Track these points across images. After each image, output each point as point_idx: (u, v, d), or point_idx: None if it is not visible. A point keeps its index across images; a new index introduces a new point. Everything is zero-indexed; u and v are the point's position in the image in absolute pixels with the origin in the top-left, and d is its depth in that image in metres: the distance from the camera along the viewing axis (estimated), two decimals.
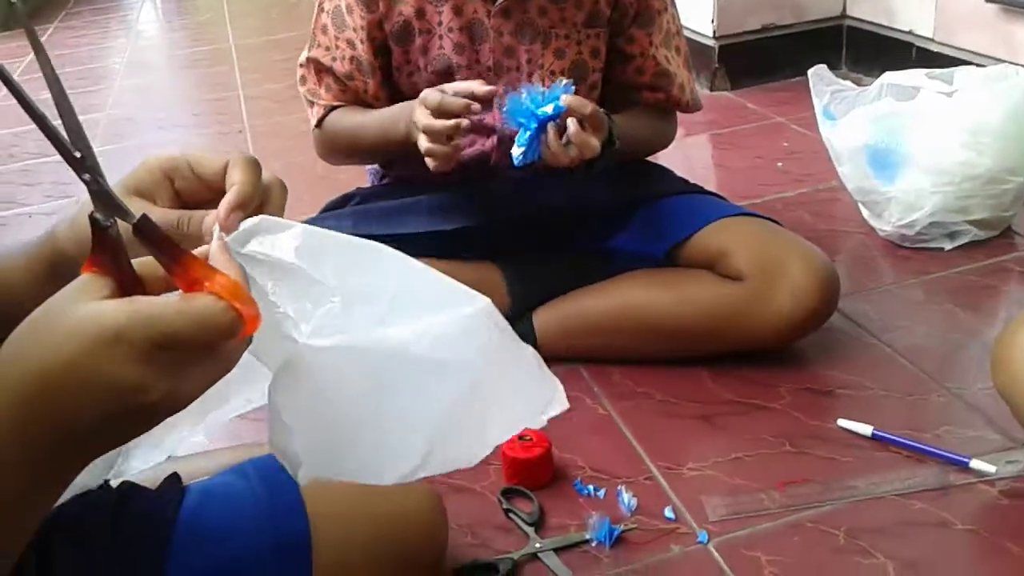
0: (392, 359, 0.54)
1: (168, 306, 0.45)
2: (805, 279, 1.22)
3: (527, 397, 0.60)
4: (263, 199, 0.57)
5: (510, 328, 0.59)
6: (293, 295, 0.52)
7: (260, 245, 0.52)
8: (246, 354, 0.50)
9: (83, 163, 0.48)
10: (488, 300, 0.58)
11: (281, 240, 0.52)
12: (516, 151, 1.16)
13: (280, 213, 0.58)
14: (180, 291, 0.47)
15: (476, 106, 1.15)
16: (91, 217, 0.47)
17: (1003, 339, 1.05)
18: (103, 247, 0.47)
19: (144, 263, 0.49)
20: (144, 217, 0.47)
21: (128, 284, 0.48)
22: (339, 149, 1.41)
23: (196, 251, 0.49)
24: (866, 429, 1.14)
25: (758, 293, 1.23)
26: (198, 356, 0.46)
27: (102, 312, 0.44)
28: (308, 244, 0.53)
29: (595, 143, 1.16)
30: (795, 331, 1.25)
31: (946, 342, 1.33)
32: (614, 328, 1.31)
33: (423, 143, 1.17)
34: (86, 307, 0.45)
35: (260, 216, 0.54)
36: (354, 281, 0.53)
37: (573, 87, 1.15)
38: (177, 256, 0.47)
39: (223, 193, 0.55)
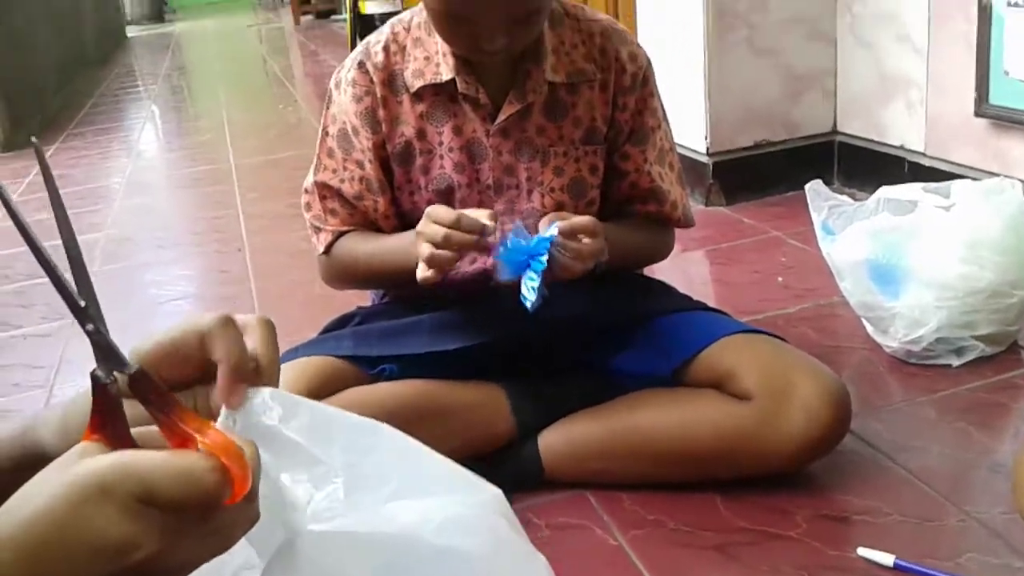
0: (395, 546, 0.50)
1: (152, 460, 0.44)
2: (816, 399, 1.19)
3: None
4: (255, 353, 0.54)
5: (521, 527, 0.56)
6: (295, 475, 0.50)
7: (266, 419, 0.50)
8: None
9: (86, 312, 0.48)
10: (498, 490, 0.55)
11: (287, 417, 0.50)
12: (529, 296, 1.14)
13: (274, 355, 0.55)
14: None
15: (483, 241, 1.15)
16: (92, 374, 0.46)
17: (1020, 462, 1.02)
18: (103, 405, 0.46)
19: (144, 433, 0.48)
20: (140, 370, 0.47)
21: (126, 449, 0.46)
22: (348, 275, 1.40)
23: None
24: (887, 559, 1.09)
25: (768, 414, 1.20)
26: (189, 518, 0.44)
27: (87, 467, 0.44)
28: (314, 422, 0.51)
29: (597, 244, 1.18)
30: (808, 453, 1.22)
31: (961, 463, 1.30)
32: (622, 451, 1.28)
33: (424, 253, 1.17)
34: (75, 466, 0.44)
35: (268, 389, 0.52)
36: (359, 462, 0.51)
37: (557, 227, 1.16)
38: (171, 411, 0.46)
39: (209, 364, 0.53)
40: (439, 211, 1.17)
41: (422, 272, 1.18)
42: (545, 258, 1.13)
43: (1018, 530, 1.06)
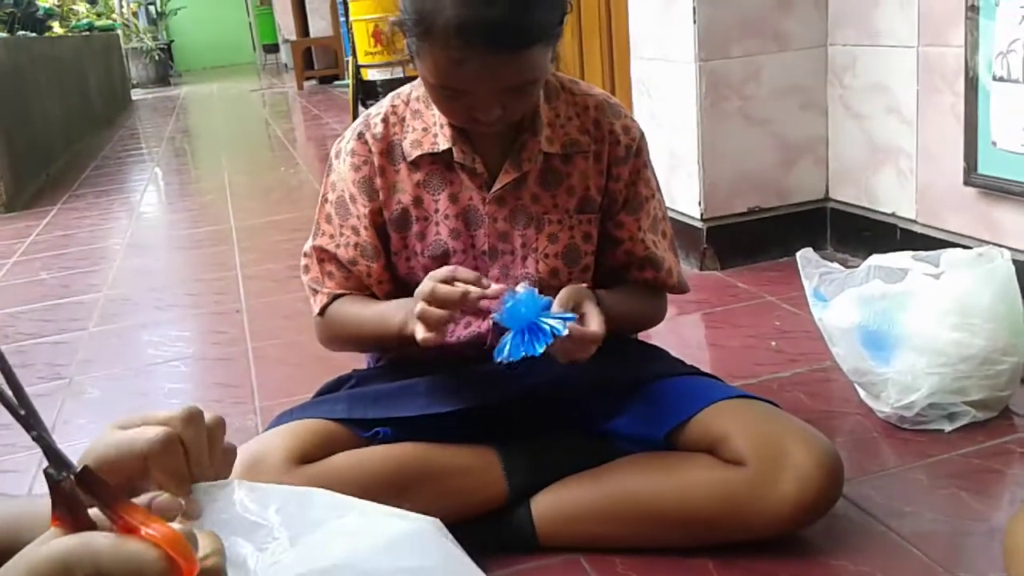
0: (344, 573, 0.52)
1: (106, 543, 0.47)
2: (809, 464, 1.20)
3: None
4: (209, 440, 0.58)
5: (468, 558, 0.58)
6: (238, 545, 0.52)
7: (208, 512, 0.53)
8: None
9: (28, 421, 0.51)
10: (437, 520, 0.57)
11: (224, 498, 0.53)
12: (505, 351, 1.15)
13: (205, 454, 0.58)
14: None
15: (475, 291, 1.16)
16: (45, 472, 0.50)
17: (1012, 529, 1.03)
18: (59, 500, 0.50)
19: (100, 514, 0.51)
20: (85, 468, 0.50)
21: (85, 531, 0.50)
22: (340, 338, 1.42)
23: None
24: None
25: (761, 479, 1.21)
26: None
27: (52, 547, 0.48)
28: (250, 496, 0.54)
29: (599, 336, 1.19)
30: (801, 518, 1.22)
31: (954, 528, 1.30)
32: (614, 515, 1.28)
33: (418, 323, 1.18)
34: (43, 547, 0.48)
35: (199, 484, 0.55)
36: (296, 515, 0.53)
37: (575, 317, 1.17)
38: (118, 506, 0.49)
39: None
40: (439, 271, 1.20)
41: (421, 333, 1.19)
42: (544, 346, 1.14)
43: None
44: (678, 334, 2.10)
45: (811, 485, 1.20)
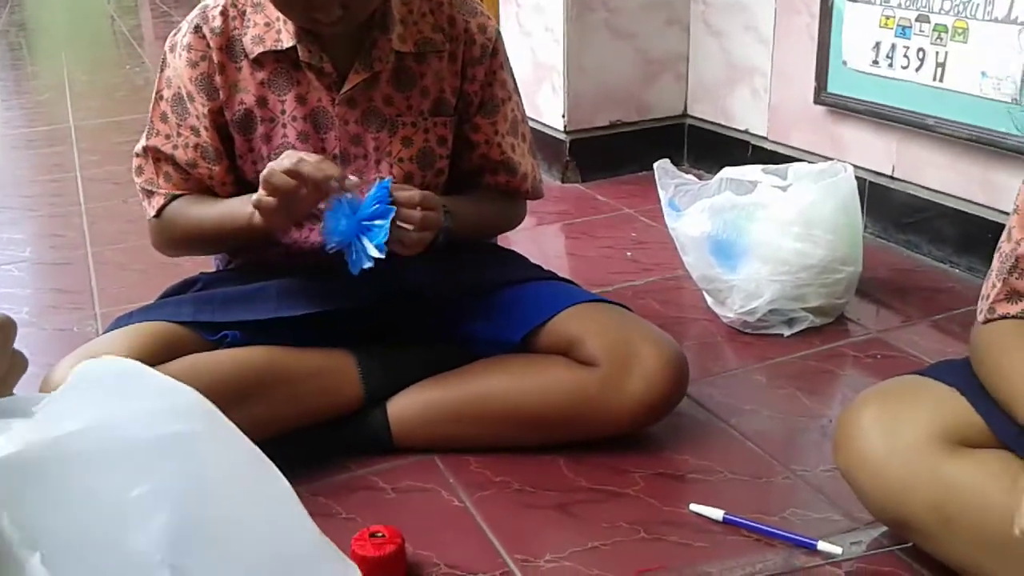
0: (103, 446, 0.49)
1: None
2: (656, 365, 1.24)
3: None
4: None
5: (235, 427, 0.55)
6: None
7: None
8: None
9: None
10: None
11: None
12: (353, 268, 1.14)
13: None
14: None
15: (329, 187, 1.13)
16: None
17: (842, 422, 1.09)
18: None
19: None
20: None
21: None
22: (181, 239, 1.35)
23: None
24: (717, 513, 1.15)
25: (611, 379, 1.24)
26: None
27: None
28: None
29: (434, 216, 1.19)
30: (647, 415, 1.26)
31: (789, 425, 1.37)
32: (470, 416, 1.29)
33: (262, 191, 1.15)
34: None
35: None
36: (54, 405, 0.50)
37: (390, 180, 1.16)
38: None
39: None
40: (282, 162, 1.15)
41: (257, 196, 1.15)
42: (382, 250, 1.13)
43: (838, 486, 1.13)
44: (538, 244, 2.11)
45: (657, 384, 1.24)
